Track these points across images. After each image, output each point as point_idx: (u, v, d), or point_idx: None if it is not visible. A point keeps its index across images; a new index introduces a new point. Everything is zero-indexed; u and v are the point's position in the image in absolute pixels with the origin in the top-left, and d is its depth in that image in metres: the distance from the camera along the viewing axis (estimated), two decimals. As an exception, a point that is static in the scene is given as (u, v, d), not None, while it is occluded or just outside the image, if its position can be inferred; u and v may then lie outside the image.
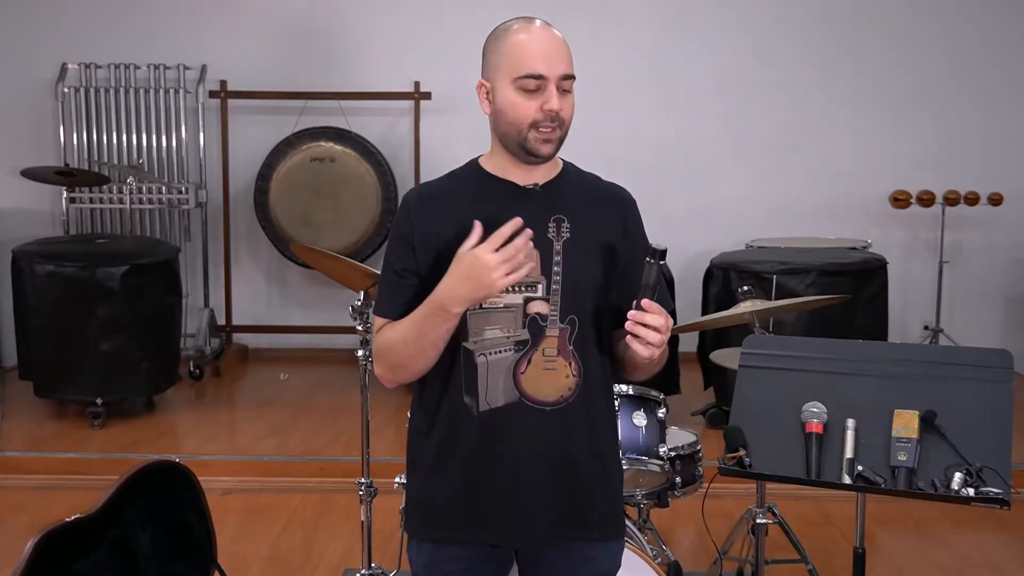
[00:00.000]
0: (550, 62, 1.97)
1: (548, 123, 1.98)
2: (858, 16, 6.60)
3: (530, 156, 2.02)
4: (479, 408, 2.02)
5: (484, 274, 1.87)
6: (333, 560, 4.02)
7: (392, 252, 2.08)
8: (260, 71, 6.60)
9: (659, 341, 1.90)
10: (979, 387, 2.37)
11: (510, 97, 2.00)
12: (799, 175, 6.70)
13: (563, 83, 1.99)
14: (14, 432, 5.31)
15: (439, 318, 1.94)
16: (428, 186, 2.13)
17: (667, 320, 1.91)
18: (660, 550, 3.27)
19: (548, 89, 1.97)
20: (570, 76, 2.00)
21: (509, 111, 2.00)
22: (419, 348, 1.98)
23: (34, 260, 5.42)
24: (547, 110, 1.97)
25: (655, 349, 1.91)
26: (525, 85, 1.98)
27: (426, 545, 2.12)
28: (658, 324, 1.89)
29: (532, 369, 2.01)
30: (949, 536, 4.28)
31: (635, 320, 1.89)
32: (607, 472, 2.14)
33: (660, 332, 1.89)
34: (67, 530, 2.51)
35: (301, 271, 6.69)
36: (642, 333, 1.89)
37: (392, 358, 2.03)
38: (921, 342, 6.45)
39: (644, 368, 2.09)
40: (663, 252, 1.90)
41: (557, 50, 1.99)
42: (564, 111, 1.99)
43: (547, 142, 2.00)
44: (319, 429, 5.39)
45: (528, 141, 2.00)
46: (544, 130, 1.99)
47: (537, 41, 1.99)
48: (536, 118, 1.98)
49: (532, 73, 1.97)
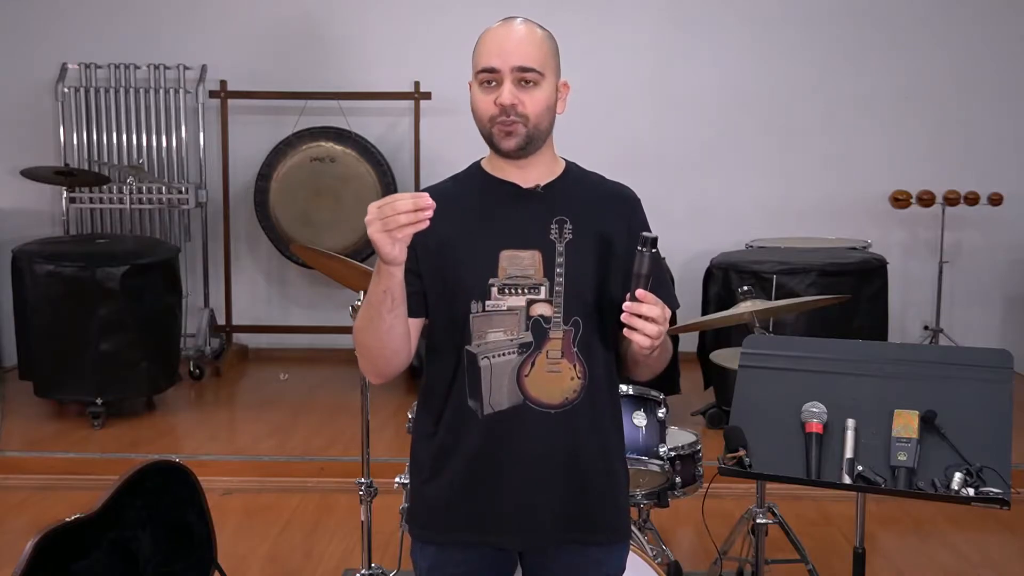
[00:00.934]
0: (503, 55, 1.96)
1: (504, 116, 1.96)
2: (858, 16, 6.60)
3: (496, 151, 2.02)
4: (483, 412, 2.01)
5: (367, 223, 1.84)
6: (333, 560, 4.02)
7: None
8: (260, 71, 6.60)
9: (656, 332, 1.85)
10: (979, 387, 2.37)
11: (474, 93, 2.01)
12: (799, 175, 6.70)
13: (522, 75, 1.96)
14: (14, 432, 5.31)
15: (374, 281, 1.92)
16: (431, 190, 2.12)
17: (663, 310, 1.86)
18: (660, 550, 3.27)
19: (503, 83, 1.96)
20: (529, 69, 1.96)
21: (474, 107, 2.02)
22: (369, 322, 1.96)
23: (34, 260, 5.42)
24: (497, 103, 1.96)
25: (653, 340, 1.86)
26: (482, 79, 1.99)
27: (430, 547, 2.11)
28: (654, 314, 1.84)
29: (536, 372, 2.00)
30: (949, 536, 4.28)
31: (630, 311, 1.85)
32: (613, 474, 2.13)
33: (657, 323, 1.85)
34: (67, 530, 2.51)
35: (301, 271, 6.69)
36: (638, 325, 1.84)
37: (360, 346, 2.04)
38: (921, 342, 6.45)
39: (648, 365, 2.07)
40: (654, 240, 1.87)
41: (514, 43, 1.97)
42: (524, 105, 1.96)
43: (508, 135, 1.98)
44: (319, 429, 5.39)
45: (492, 136, 2.00)
46: (501, 124, 1.97)
47: (496, 36, 1.99)
48: (493, 113, 1.98)
49: (485, 67, 1.97)
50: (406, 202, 1.78)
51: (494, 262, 1.99)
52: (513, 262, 2.00)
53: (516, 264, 2.00)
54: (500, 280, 1.99)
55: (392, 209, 1.78)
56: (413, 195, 1.79)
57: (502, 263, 2.00)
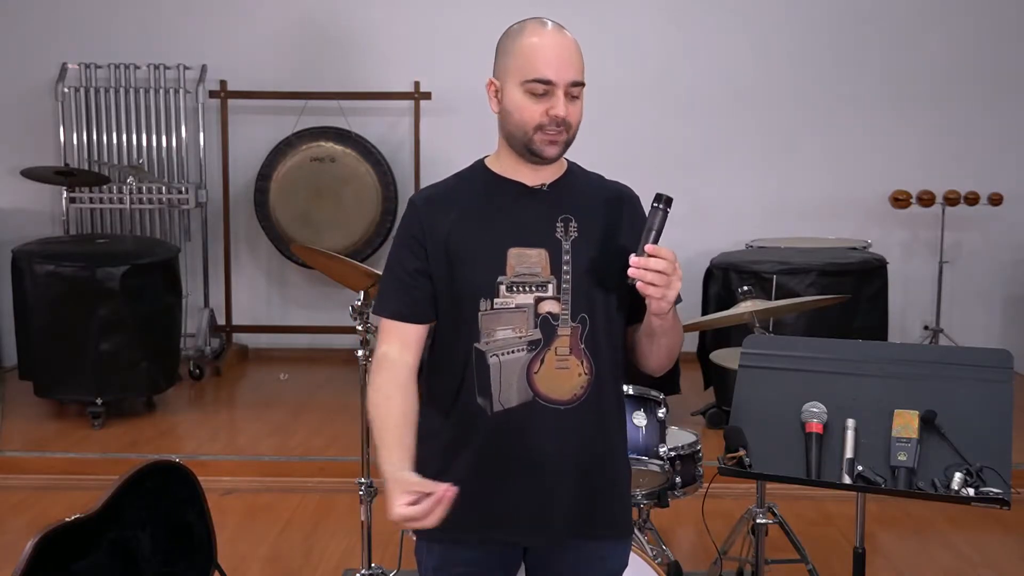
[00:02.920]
0: (560, 68, 1.97)
1: (553, 127, 1.99)
2: (859, 16, 6.60)
3: (535, 157, 2.03)
4: (493, 409, 2.02)
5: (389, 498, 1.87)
6: (333, 560, 4.02)
7: (401, 253, 2.07)
8: (260, 71, 6.60)
9: (665, 283, 1.88)
10: (979, 387, 2.37)
11: (517, 99, 2.00)
12: (799, 175, 6.70)
13: (572, 89, 1.99)
14: (14, 432, 5.30)
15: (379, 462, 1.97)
16: (434, 188, 2.13)
17: (673, 263, 1.89)
18: (660, 550, 3.27)
19: (556, 95, 1.97)
20: (579, 83, 2.00)
21: (516, 113, 2.01)
22: None
23: (34, 260, 5.42)
24: (553, 115, 1.98)
25: (668, 296, 1.89)
26: (533, 89, 1.98)
27: (436, 546, 2.11)
28: (662, 267, 1.87)
29: (545, 368, 2.01)
30: (949, 536, 4.28)
31: (639, 265, 1.88)
32: (618, 470, 2.15)
33: (667, 274, 1.88)
34: (67, 530, 2.51)
35: (301, 271, 6.69)
36: (650, 278, 1.88)
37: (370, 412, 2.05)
38: (921, 342, 6.45)
39: (663, 339, 2.05)
40: (669, 199, 1.93)
41: (568, 56, 1.99)
42: (571, 116, 2.00)
43: (552, 144, 2.00)
44: (319, 429, 5.39)
45: (533, 143, 2.01)
46: (549, 133, 1.99)
47: (549, 47, 1.99)
48: (542, 122, 1.98)
49: (541, 78, 1.97)
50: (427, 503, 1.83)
51: (502, 260, 2.00)
52: (521, 260, 2.01)
53: (524, 262, 2.01)
54: (508, 278, 2.01)
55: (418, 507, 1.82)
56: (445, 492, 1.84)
57: (510, 261, 2.01)
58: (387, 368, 2.04)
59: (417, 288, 2.04)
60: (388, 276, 2.10)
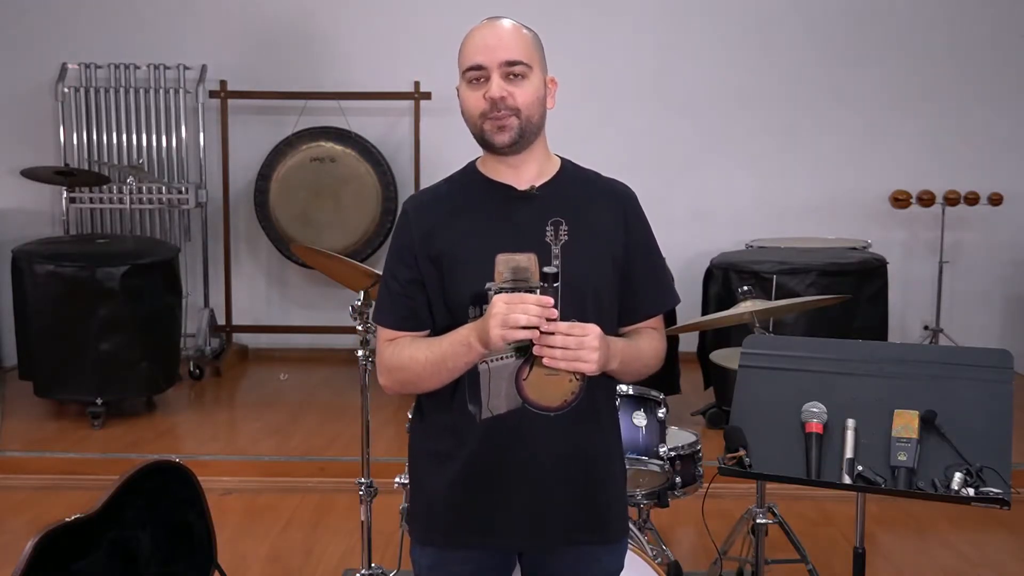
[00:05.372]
0: (489, 51, 1.98)
1: (495, 111, 1.98)
2: (858, 16, 6.60)
3: (489, 147, 2.03)
4: (482, 416, 2.01)
5: (489, 319, 1.88)
6: (333, 560, 4.02)
7: (394, 263, 2.08)
8: (260, 71, 6.61)
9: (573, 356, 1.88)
10: (979, 387, 2.36)
11: (463, 92, 2.03)
12: (799, 175, 6.70)
13: (509, 69, 1.98)
14: (14, 432, 5.30)
15: (462, 350, 1.95)
16: (426, 193, 2.13)
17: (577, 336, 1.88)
18: (660, 550, 3.27)
19: (491, 78, 1.98)
20: (516, 62, 1.99)
21: (463, 106, 2.03)
22: (436, 374, 1.99)
23: (34, 260, 5.42)
24: (488, 97, 1.98)
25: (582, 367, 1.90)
26: (470, 77, 2.00)
27: (430, 549, 2.11)
28: (561, 343, 1.87)
29: (535, 375, 2.00)
30: (949, 536, 4.27)
31: (539, 342, 1.88)
32: (612, 474, 2.14)
33: (569, 348, 1.88)
34: (67, 530, 2.51)
35: (301, 271, 6.69)
36: (557, 354, 1.88)
37: (404, 376, 2.03)
38: (921, 342, 6.45)
39: (629, 374, 2.09)
40: (556, 276, 1.89)
41: (499, 39, 2.00)
42: (514, 97, 1.98)
43: (500, 130, 1.99)
44: (319, 429, 5.39)
45: (484, 132, 2.01)
46: (493, 118, 1.99)
47: (480, 35, 2.01)
48: (483, 108, 1.99)
49: (472, 64, 1.99)
50: (533, 307, 1.84)
51: (490, 266, 1.99)
52: (509, 265, 2.00)
53: (512, 267, 2.00)
54: (497, 284, 1.99)
55: (522, 306, 1.84)
56: (539, 299, 1.85)
57: (499, 267, 1.99)
58: (393, 343, 2.06)
59: (412, 298, 2.04)
60: (384, 288, 2.10)
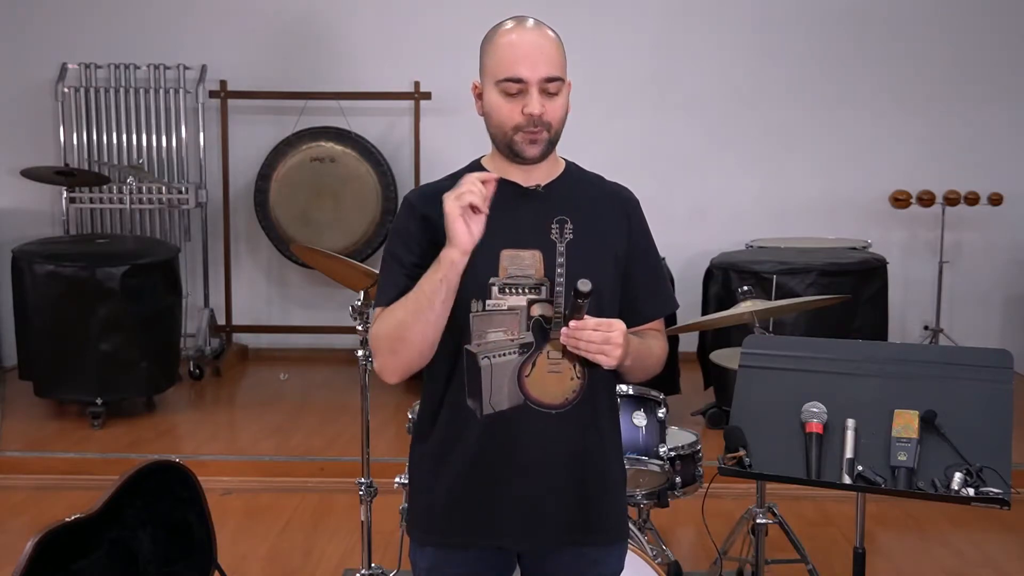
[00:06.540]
0: (531, 65, 1.95)
1: (531, 126, 1.97)
2: (859, 16, 6.60)
3: (517, 158, 2.01)
4: (483, 412, 2.00)
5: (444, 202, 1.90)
6: (333, 560, 4.02)
7: (398, 247, 2.05)
8: (260, 71, 6.60)
9: (598, 350, 1.92)
10: (979, 387, 2.36)
11: (494, 100, 1.99)
12: (799, 175, 6.70)
13: (547, 85, 1.97)
14: (14, 432, 5.30)
15: (435, 268, 1.92)
16: (431, 186, 2.11)
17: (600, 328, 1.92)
18: (660, 550, 3.27)
19: (530, 93, 1.96)
20: (555, 78, 1.97)
21: (494, 114, 2.00)
22: (418, 311, 1.92)
23: (34, 260, 5.42)
24: (527, 114, 1.96)
25: (604, 361, 1.93)
26: (507, 88, 1.97)
27: (429, 548, 2.11)
28: (596, 338, 1.91)
29: (537, 372, 2.00)
30: (949, 536, 4.28)
31: (569, 335, 1.92)
32: (611, 474, 2.14)
33: (596, 342, 1.91)
34: (67, 530, 2.51)
35: (301, 271, 6.69)
36: (583, 346, 1.92)
37: (394, 334, 1.96)
38: (921, 342, 6.45)
39: (635, 372, 2.09)
40: (588, 293, 1.89)
41: (540, 52, 1.97)
42: (549, 114, 1.98)
43: (532, 143, 1.99)
44: (319, 429, 5.39)
45: (514, 143, 2.00)
46: (528, 132, 1.98)
47: (520, 44, 1.97)
48: (519, 122, 1.97)
49: (512, 76, 1.96)
50: (475, 182, 1.89)
51: (495, 261, 1.99)
52: (514, 262, 1.99)
53: (517, 264, 1.99)
54: (501, 280, 1.99)
55: (468, 188, 1.87)
56: (482, 176, 1.91)
57: (503, 262, 1.99)
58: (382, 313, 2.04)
59: (414, 280, 2.00)
60: (386, 270, 2.07)
